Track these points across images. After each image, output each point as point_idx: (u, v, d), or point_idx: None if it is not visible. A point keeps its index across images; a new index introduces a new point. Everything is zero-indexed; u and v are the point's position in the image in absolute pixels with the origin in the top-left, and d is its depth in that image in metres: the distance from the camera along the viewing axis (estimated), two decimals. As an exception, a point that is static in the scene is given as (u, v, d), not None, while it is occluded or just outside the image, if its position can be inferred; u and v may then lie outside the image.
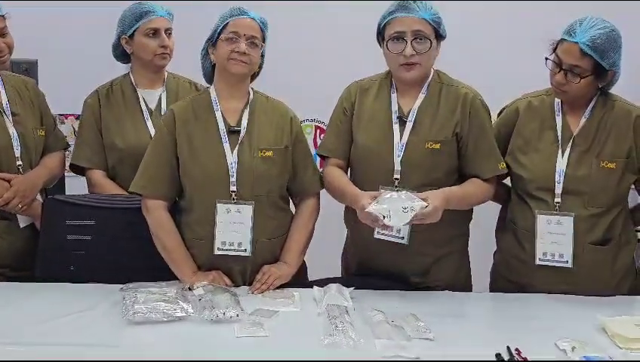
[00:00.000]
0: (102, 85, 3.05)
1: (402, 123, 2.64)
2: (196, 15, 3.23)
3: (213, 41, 2.61)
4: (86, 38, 2.98)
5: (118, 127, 2.98)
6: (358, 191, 2.57)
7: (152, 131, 2.96)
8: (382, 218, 2.41)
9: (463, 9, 3.85)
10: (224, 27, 2.57)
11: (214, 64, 2.64)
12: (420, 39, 2.55)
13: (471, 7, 3.93)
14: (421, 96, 2.66)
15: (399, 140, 2.63)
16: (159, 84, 3.07)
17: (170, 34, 3.00)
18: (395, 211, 2.40)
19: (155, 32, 2.96)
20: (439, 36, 2.60)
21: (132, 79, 3.04)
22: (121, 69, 3.11)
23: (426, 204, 2.41)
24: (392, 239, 2.63)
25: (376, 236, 2.65)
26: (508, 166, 2.70)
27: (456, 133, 2.63)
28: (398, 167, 2.62)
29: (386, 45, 2.59)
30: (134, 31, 2.96)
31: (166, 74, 3.09)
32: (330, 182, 2.73)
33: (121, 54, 3.06)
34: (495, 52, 3.89)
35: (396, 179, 2.61)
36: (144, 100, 3.02)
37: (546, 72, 2.58)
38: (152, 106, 3.03)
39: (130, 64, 3.08)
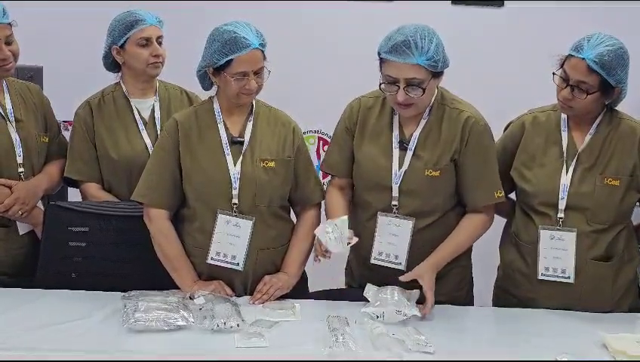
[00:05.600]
0: (92, 95, 2.99)
1: (403, 148, 2.62)
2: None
3: (214, 67, 2.55)
4: (91, 44, 2.97)
5: (112, 138, 2.92)
6: None
7: (147, 141, 2.92)
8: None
9: (470, 21, 3.86)
10: (228, 62, 2.51)
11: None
12: (414, 86, 2.48)
13: (479, 20, 3.93)
14: (422, 122, 2.62)
15: (398, 168, 2.61)
16: (151, 93, 3.01)
17: (161, 42, 2.95)
18: (389, 313, 2.42)
19: (147, 41, 2.90)
20: (438, 73, 2.52)
21: (124, 89, 2.98)
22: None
23: (420, 314, 2.43)
24: (389, 265, 2.63)
25: (372, 261, 2.64)
26: (513, 180, 2.70)
27: (454, 159, 2.61)
28: (396, 193, 2.61)
29: (380, 85, 2.54)
30: (125, 41, 2.90)
31: (157, 83, 3.04)
32: (326, 207, 2.73)
33: (112, 64, 2.99)
34: (502, 66, 3.89)
35: (394, 205, 2.61)
36: (137, 110, 2.97)
37: (552, 87, 2.58)
38: (145, 115, 2.98)
39: (119, 73, 3.02)
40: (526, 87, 3.48)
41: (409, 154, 2.61)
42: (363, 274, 2.76)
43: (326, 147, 2.93)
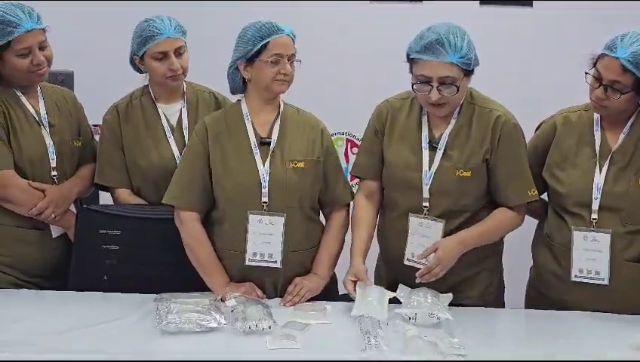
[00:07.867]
0: (120, 100, 2.98)
1: (432, 148, 2.61)
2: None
3: (248, 58, 2.58)
4: (121, 48, 2.98)
5: (139, 145, 2.90)
6: (357, 254, 2.62)
7: (174, 148, 2.90)
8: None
9: (498, 22, 3.84)
10: (263, 47, 2.55)
11: (244, 78, 2.64)
12: (447, 84, 2.48)
13: (507, 20, 3.91)
14: (452, 122, 2.61)
15: (428, 168, 2.60)
16: (179, 97, 2.97)
17: (182, 52, 2.86)
18: (422, 315, 2.42)
19: (164, 55, 2.83)
20: (470, 71, 2.53)
21: (151, 93, 2.96)
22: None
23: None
24: (420, 266, 2.60)
25: (405, 263, 2.63)
26: (545, 181, 2.68)
27: (486, 159, 2.59)
28: (426, 194, 2.60)
29: (413, 85, 2.54)
30: (144, 53, 2.85)
31: (185, 86, 2.99)
32: (353, 218, 2.73)
33: (139, 69, 2.96)
34: (531, 67, 3.86)
35: (425, 206, 2.60)
36: (165, 116, 2.94)
37: (583, 86, 2.56)
38: (173, 121, 2.95)
39: (148, 75, 2.98)
40: (555, 87, 3.45)
41: (439, 154, 2.60)
42: (391, 277, 2.75)
43: (354, 149, 2.94)
